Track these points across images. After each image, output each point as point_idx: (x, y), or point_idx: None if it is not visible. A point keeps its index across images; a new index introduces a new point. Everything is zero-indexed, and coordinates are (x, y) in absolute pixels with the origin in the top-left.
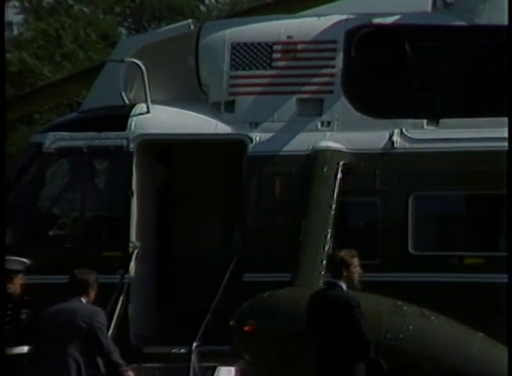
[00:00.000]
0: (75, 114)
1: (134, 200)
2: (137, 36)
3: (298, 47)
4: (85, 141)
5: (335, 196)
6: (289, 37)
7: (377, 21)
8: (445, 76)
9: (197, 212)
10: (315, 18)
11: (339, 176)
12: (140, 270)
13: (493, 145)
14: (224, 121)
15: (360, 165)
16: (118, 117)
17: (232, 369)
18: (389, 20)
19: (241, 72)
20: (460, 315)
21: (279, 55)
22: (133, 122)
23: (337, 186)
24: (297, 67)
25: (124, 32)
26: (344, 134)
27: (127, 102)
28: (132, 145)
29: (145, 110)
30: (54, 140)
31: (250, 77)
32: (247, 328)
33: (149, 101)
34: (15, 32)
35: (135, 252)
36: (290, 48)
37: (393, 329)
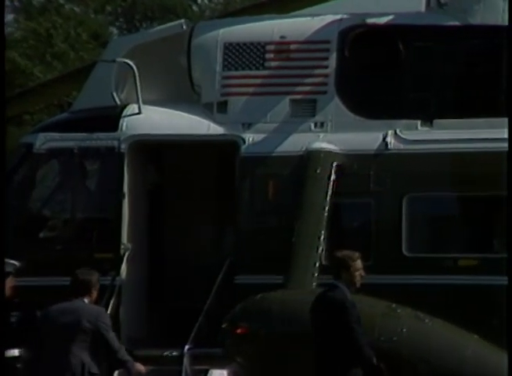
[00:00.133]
0: (66, 115)
1: (125, 201)
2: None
3: (291, 47)
4: (76, 142)
5: (328, 197)
6: (282, 37)
7: (371, 21)
8: (439, 76)
9: (189, 214)
10: (309, 18)
11: (332, 178)
12: (131, 272)
13: (488, 146)
14: (216, 122)
15: (354, 166)
16: (109, 118)
17: (224, 372)
18: (383, 20)
19: (234, 72)
20: (455, 317)
21: (272, 55)
22: (124, 123)
23: (331, 188)
24: (290, 68)
25: (116, 32)
26: (338, 135)
27: (118, 102)
28: (124, 146)
29: (136, 111)
30: (45, 141)
31: (242, 77)
32: (240, 331)
33: (140, 102)
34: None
35: (127, 254)
36: (283, 48)
37: (387, 331)
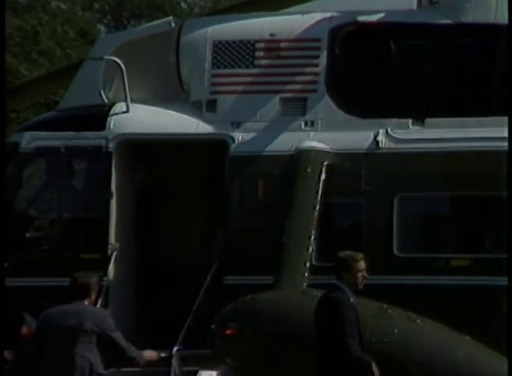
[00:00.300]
0: (53, 113)
1: (113, 201)
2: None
3: (281, 45)
4: (63, 141)
5: (319, 197)
6: (272, 35)
7: (362, 19)
8: (431, 75)
9: (178, 213)
10: (299, 16)
11: (323, 177)
12: (119, 272)
13: (480, 145)
14: (205, 121)
15: (344, 166)
16: (97, 117)
17: (213, 373)
18: (374, 18)
19: (223, 70)
20: (446, 318)
21: (262, 53)
22: (112, 121)
23: (321, 187)
24: (280, 66)
25: (103, 29)
26: (328, 134)
27: (106, 101)
28: (111, 145)
29: (124, 109)
30: (31, 140)
31: (232, 75)
32: (229, 332)
33: (128, 100)
34: None
35: (114, 254)
36: (273, 46)
37: (378, 332)
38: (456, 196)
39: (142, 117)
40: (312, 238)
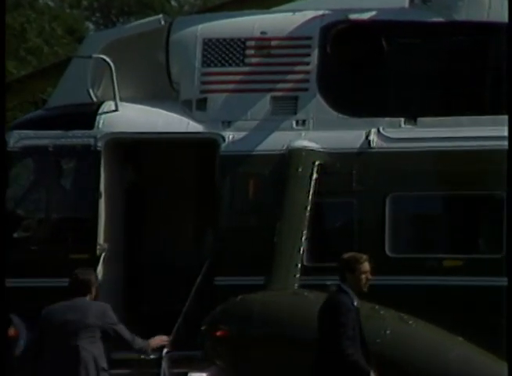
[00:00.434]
0: (41, 112)
1: (102, 200)
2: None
3: (272, 43)
4: (51, 140)
5: (310, 197)
6: (262, 33)
7: (354, 17)
8: (423, 73)
9: (168, 213)
10: (290, 13)
11: (314, 176)
12: (108, 273)
13: (473, 144)
14: (195, 120)
15: (336, 165)
16: (85, 115)
17: (203, 375)
18: (366, 16)
19: (213, 69)
20: (439, 319)
21: (253, 51)
22: (101, 120)
23: (313, 187)
24: (271, 64)
25: (92, 27)
26: (320, 133)
27: (94, 99)
28: (100, 144)
29: (113, 108)
30: (19, 139)
31: (222, 74)
32: (219, 333)
33: (117, 98)
34: None
35: (103, 254)
36: (264, 44)
37: (370, 333)
38: (449, 195)
39: (132, 116)
40: (304, 238)
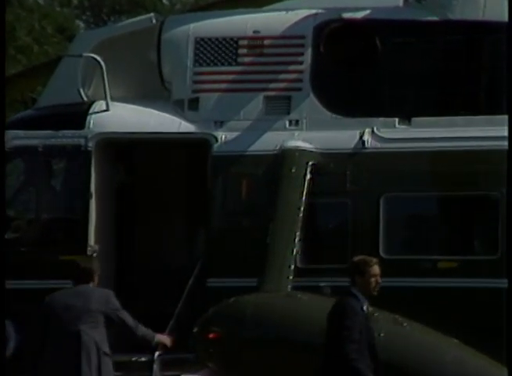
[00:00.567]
0: (30, 112)
1: (92, 201)
2: (96, 30)
3: (265, 42)
4: (41, 140)
5: (304, 197)
6: (255, 32)
7: (347, 16)
8: (418, 73)
9: (160, 214)
10: (283, 12)
11: (308, 177)
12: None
13: (467, 144)
14: (187, 120)
15: (330, 166)
16: (76, 115)
17: None
18: (359, 15)
19: (205, 68)
20: (434, 321)
21: (245, 50)
22: (91, 120)
23: (306, 188)
24: (264, 63)
25: (82, 25)
26: (313, 133)
27: (85, 99)
28: (91, 144)
29: (104, 108)
30: (8, 139)
31: (214, 73)
32: (212, 335)
33: (108, 98)
34: None
35: (94, 256)
36: (257, 43)
37: None
38: (444, 196)
39: (123, 116)
40: (297, 240)
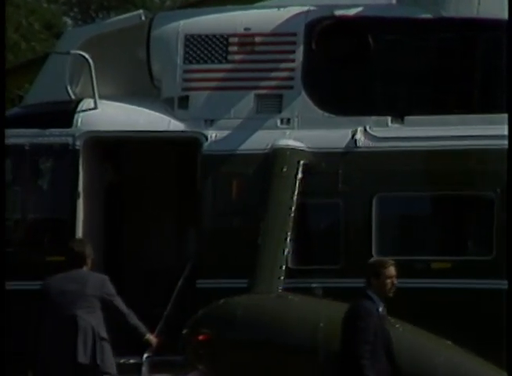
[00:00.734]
0: (17, 110)
1: (80, 201)
2: (84, 27)
3: (256, 40)
4: (28, 138)
5: (295, 197)
6: (246, 29)
7: (339, 13)
8: (411, 71)
9: (149, 214)
10: (274, 9)
11: (299, 176)
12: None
13: (461, 143)
14: (177, 118)
15: (321, 165)
16: (63, 113)
17: None
18: (352, 12)
19: (195, 66)
20: (427, 322)
21: (236, 48)
22: (79, 118)
23: (298, 187)
24: (255, 61)
25: (70, 22)
26: (305, 132)
27: (73, 97)
28: (78, 142)
29: (92, 106)
30: None
31: (205, 71)
32: (201, 337)
33: (96, 96)
34: None
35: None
36: (248, 40)
37: None
38: (437, 196)
39: (111, 114)
40: (288, 240)
